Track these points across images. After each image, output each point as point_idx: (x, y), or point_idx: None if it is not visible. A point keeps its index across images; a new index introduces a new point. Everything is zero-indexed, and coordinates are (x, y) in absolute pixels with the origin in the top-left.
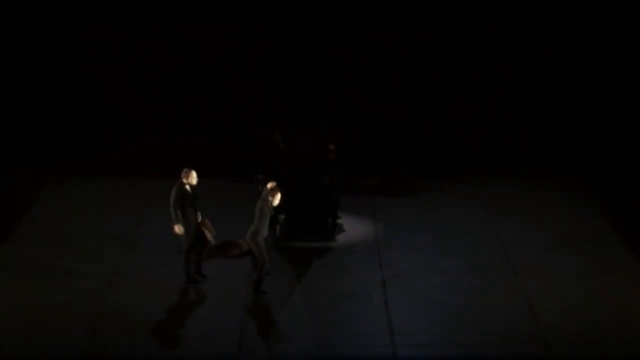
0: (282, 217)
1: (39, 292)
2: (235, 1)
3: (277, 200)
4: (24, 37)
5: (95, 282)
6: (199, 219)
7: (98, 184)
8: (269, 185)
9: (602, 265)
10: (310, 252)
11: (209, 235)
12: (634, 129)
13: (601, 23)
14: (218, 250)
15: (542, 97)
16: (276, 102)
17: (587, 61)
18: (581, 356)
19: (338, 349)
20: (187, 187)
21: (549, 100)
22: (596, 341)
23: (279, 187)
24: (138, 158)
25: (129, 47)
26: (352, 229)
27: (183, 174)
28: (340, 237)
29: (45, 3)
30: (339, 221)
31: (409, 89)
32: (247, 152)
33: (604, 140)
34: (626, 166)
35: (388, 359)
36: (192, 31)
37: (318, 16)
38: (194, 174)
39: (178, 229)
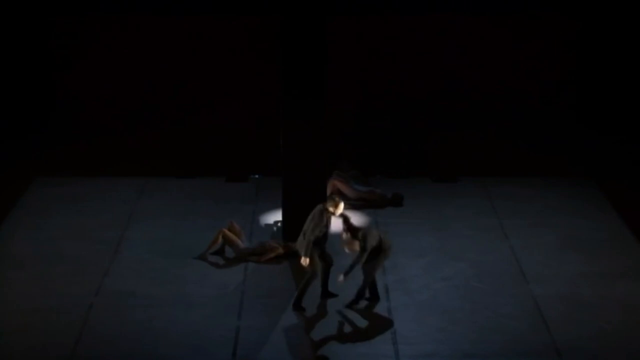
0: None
1: (28, 297)
2: None
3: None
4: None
5: (86, 285)
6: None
7: (85, 182)
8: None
9: (616, 270)
10: None
11: (237, 239)
12: None
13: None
14: (253, 255)
15: (549, 94)
16: (276, 98)
17: (595, 56)
18: None
19: (339, 358)
20: (328, 217)
21: (557, 97)
22: (611, 350)
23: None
24: (130, 155)
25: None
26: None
27: (332, 203)
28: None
29: None
30: None
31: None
32: (246, 150)
33: (617, 139)
34: None
35: None
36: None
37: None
38: (342, 206)
39: (305, 261)
